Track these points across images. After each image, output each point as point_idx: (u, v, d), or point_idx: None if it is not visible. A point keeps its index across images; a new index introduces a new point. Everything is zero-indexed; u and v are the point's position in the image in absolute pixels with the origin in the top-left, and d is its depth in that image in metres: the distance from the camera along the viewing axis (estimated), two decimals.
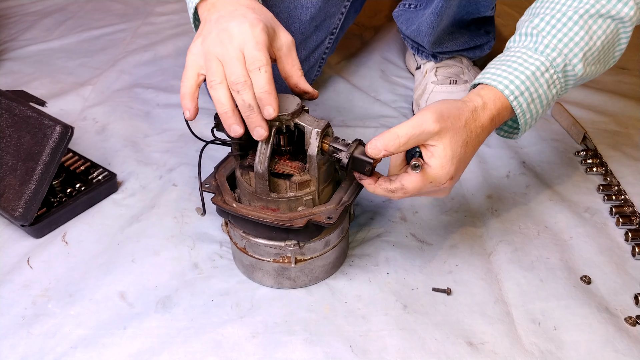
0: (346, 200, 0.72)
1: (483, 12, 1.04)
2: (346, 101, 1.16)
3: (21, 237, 0.86)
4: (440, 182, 0.66)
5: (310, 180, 0.70)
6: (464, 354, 0.69)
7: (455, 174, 0.67)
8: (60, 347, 0.70)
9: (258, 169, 0.68)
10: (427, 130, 0.64)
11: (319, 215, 0.70)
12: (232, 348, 0.70)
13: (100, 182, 0.91)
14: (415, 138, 0.64)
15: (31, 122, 0.85)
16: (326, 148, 0.68)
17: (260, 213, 0.70)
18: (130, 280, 0.78)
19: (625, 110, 1.10)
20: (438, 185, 0.67)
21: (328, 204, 0.71)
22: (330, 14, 1.05)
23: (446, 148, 0.65)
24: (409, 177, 0.66)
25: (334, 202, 0.72)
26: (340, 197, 0.72)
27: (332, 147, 0.68)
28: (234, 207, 0.71)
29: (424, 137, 0.64)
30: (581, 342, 0.70)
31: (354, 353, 0.69)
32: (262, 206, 0.71)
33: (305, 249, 0.73)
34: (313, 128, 0.68)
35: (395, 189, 0.67)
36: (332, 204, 0.71)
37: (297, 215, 0.70)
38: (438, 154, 0.65)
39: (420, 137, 0.64)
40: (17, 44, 1.37)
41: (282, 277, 0.76)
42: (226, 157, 0.79)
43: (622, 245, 0.83)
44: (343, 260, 0.81)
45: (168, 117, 1.12)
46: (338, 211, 0.70)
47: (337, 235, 0.76)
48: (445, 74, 1.08)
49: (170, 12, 1.51)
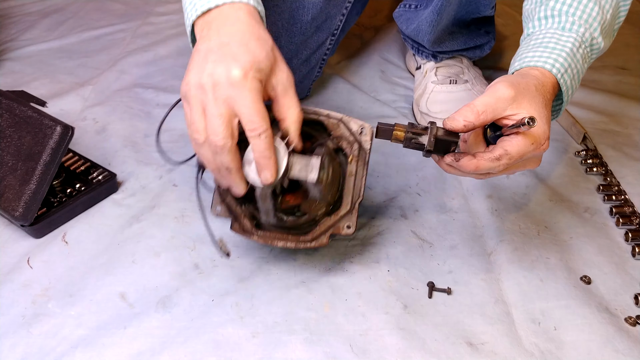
0: (357, 199, 0.71)
1: (483, 12, 1.04)
2: (346, 101, 1.16)
3: (21, 237, 0.86)
4: (540, 141, 0.64)
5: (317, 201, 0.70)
6: (463, 354, 0.69)
7: (549, 133, 0.65)
8: (60, 347, 0.70)
9: (268, 221, 0.68)
10: (503, 97, 0.62)
11: (338, 227, 0.71)
12: (232, 348, 0.70)
13: (100, 182, 0.91)
14: (492, 106, 0.62)
15: (31, 122, 0.85)
16: (402, 137, 0.65)
17: (282, 240, 0.71)
18: (130, 281, 0.78)
19: (625, 110, 1.10)
20: (539, 146, 0.64)
21: (342, 209, 0.71)
22: (331, 15, 1.05)
23: (531, 109, 0.63)
24: (509, 141, 0.63)
25: (347, 204, 0.71)
26: (350, 195, 0.71)
27: (409, 134, 0.64)
28: (255, 237, 0.72)
29: (501, 105, 0.63)
30: (581, 342, 0.70)
31: (354, 352, 0.69)
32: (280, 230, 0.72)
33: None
34: (308, 179, 0.65)
35: (500, 156, 0.63)
36: (345, 207, 0.71)
37: (318, 233, 0.70)
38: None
39: (497, 105, 0.63)
40: (17, 44, 1.37)
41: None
42: None
43: (622, 245, 0.83)
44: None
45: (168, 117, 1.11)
46: (354, 216, 0.71)
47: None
48: (446, 74, 1.08)
49: (170, 12, 1.51)
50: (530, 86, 0.66)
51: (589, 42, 0.73)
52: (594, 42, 0.74)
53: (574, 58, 0.71)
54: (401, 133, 0.65)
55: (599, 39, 0.74)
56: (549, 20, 0.74)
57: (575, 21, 0.72)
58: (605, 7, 0.74)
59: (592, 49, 0.75)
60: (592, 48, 0.74)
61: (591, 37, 0.73)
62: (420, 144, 0.65)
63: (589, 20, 0.73)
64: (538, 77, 0.69)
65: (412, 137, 0.65)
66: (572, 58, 0.71)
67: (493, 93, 0.63)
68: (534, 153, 0.65)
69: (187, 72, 0.62)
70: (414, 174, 0.96)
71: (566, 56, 0.71)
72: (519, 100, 0.63)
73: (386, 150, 0.93)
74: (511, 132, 0.63)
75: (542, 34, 0.74)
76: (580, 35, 0.72)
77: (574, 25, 0.72)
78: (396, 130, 0.65)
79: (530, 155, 0.66)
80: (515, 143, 0.63)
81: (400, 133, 0.65)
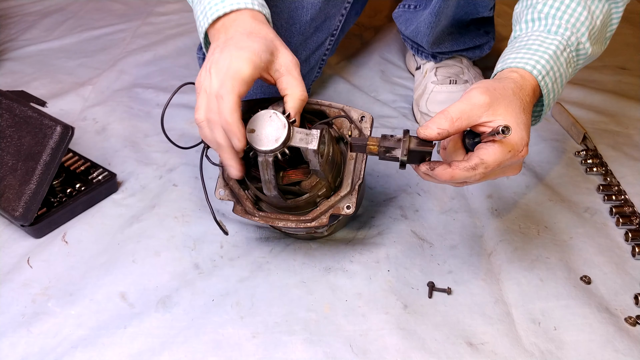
0: (357, 181, 0.72)
1: (482, 13, 1.04)
2: (346, 101, 1.16)
3: (21, 237, 0.86)
4: (517, 149, 0.62)
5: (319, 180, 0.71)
6: (463, 354, 0.69)
7: (528, 139, 0.64)
8: (60, 346, 0.70)
9: (269, 194, 0.68)
10: (478, 104, 0.61)
11: (337, 208, 0.71)
12: (232, 348, 0.70)
13: (100, 182, 0.91)
14: (467, 113, 0.61)
15: (31, 122, 0.85)
16: (375, 150, 0.65)
17: (283, 220, 0.72)
18: (130, 280, 0.79)
19: (625, 110, 1.10)
20: (516, 154, 0.63)
21: (342, 190, 0.72)
22: (330, 15, 1.05)
23: (507, 115, 0.62)
24: (486, 149, 0.62)
25: (347, 185, 0.72)
26: (350, 178, 0.73)
27: (382, 148, 0.64)
28: (256, 218, 0.73)
29: (476, 112, 0.62)
30: (581, 342, 0.70)
31: (354, 353, 0.69)
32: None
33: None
34: (309, 147, 0.66)
35: (475, 165, 0.62)
36: (345, 188, 0.72)
37: (318, 213, 0.71)
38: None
39: (471, 112, 0.62)
40: (17, 44, 1.37)
41: (314, 234, 0.82)
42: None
43: (622, 245, 0.83)
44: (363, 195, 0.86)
45: (168, 117, 1.10)
46: (354, 197, 0.72)
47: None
48: (445, 74, 1.08)
49: (170, 12, 1.51)
50: (507, 91, 0.65)
51: (575, 47, 0.72)
52: (581, 46, 0.72)
53: (557, 61, 0.70)
54: (374, 147, 0.65)
55: (587, 45, 0.72)
56: (535, 23, 0.73)
57: (562, 24, 0.72)
58: (595, 13, 0.72)
59: (579, 54, 0.73)
60: (579, 53, 0.73)
61: (577, 41, 0.72)
62: (394, 157, 0.64)
63: (577, 25, 0.71)
64: (517, 80, 0.67)
65: (386, 151, 0.64)
66: (554, 61, 0.70)
67: (468, 100, 0.62)
68: (512, 161, 0.63)
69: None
70: (414, 174, 0.96)
71: (548, 58, 0.69)
72: (495, 106, 0.62)
73: None
74: (488, 139, 0.62)
75: (527, 36, 0.73)
76: (566, 39, 0.71)
77: (559, 29, 0.71)
78: (369, 145, 0.65)
79: (509, 163, 0.64)
80: (492, 152, 0.62)
81: (374, 147, 0.65)
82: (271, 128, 0.66)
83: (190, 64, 1.27)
